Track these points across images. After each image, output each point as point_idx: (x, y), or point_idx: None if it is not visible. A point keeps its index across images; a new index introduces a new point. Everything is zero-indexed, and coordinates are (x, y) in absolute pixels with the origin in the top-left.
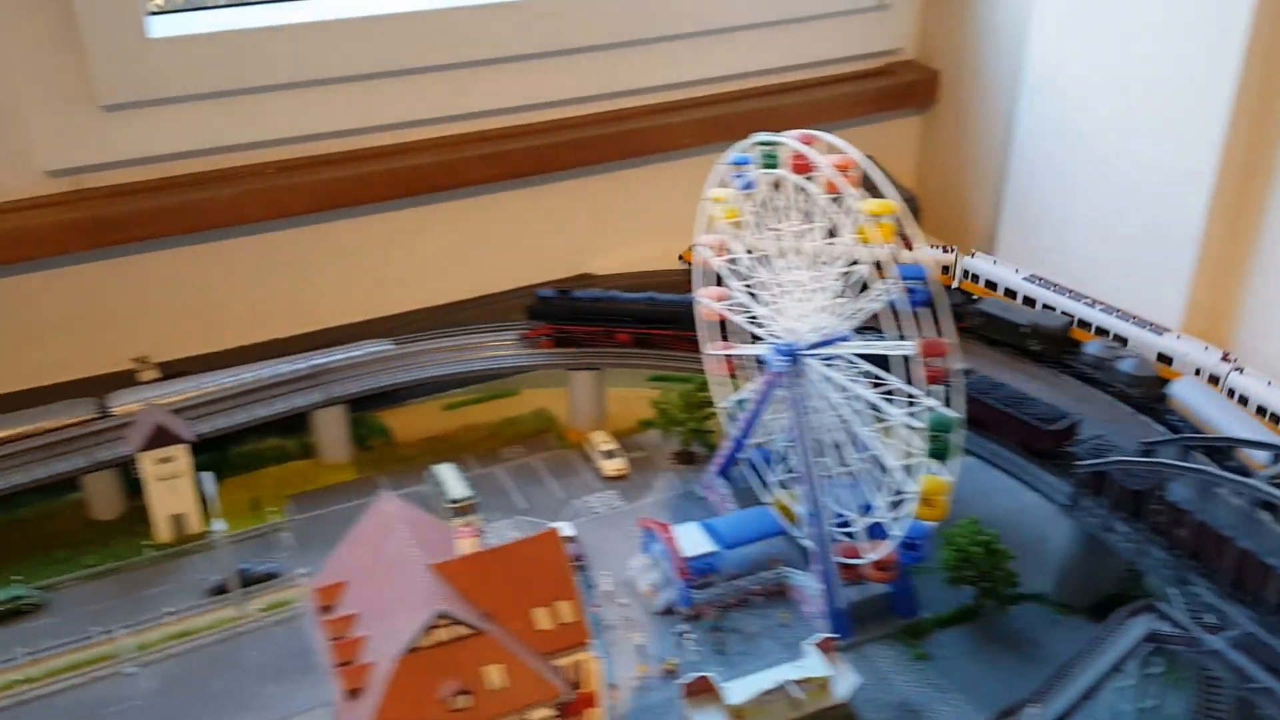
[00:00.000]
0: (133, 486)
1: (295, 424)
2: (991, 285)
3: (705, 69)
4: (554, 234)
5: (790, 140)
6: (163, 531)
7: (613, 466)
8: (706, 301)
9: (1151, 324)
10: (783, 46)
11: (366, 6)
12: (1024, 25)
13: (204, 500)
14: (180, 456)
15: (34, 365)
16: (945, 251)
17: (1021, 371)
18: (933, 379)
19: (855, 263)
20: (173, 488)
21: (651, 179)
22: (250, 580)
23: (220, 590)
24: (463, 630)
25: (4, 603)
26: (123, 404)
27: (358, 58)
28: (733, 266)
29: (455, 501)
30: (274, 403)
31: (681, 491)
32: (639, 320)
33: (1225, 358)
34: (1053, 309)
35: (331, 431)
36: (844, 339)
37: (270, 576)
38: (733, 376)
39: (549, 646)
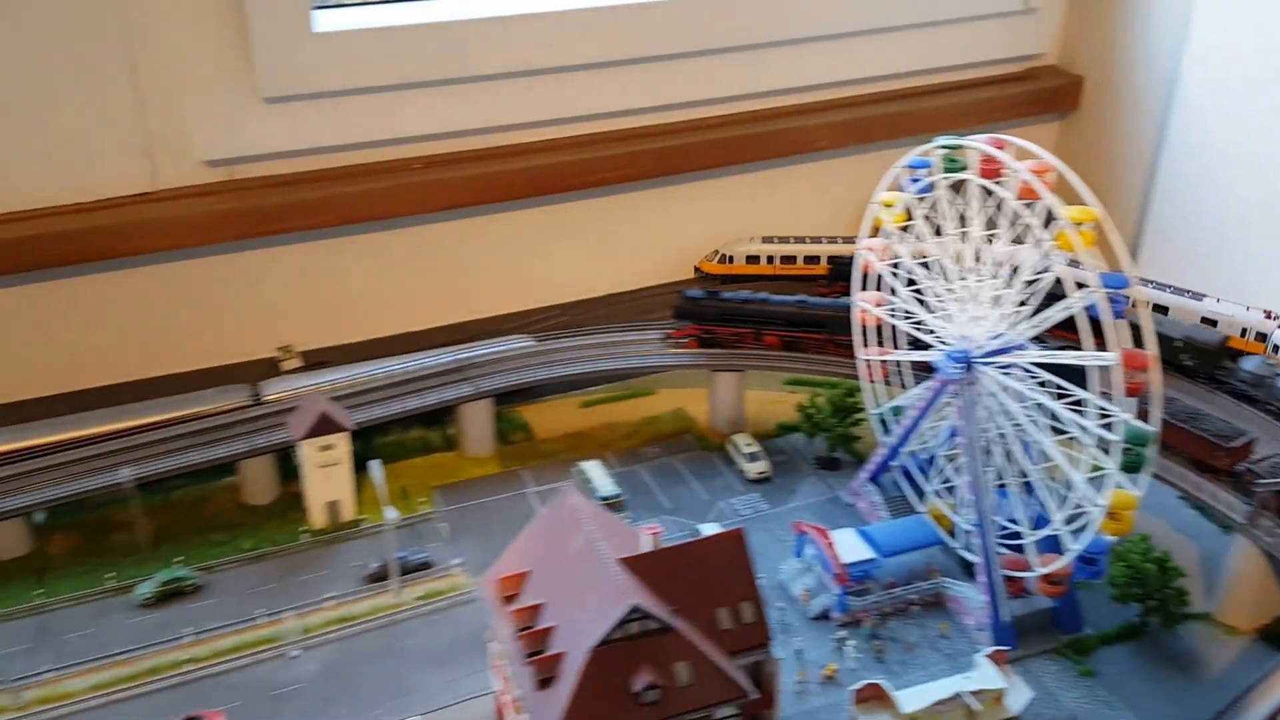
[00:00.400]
0: (286, 472)
1: (439, 416)
2: None
3: (844, 71)
4: (689, 233)
5: (979, 144)
6: (317, 518)
7: (756, 469)
8: (866, 305)
9: (1190, 291)
10: (923, 50)
11: (517, 5)
12: (1182, 34)
13: (374, 488)
14: (340, 445)
15: (183, 351)
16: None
17: (1173, 387)
18: (1132, 392)
19: (1046, 269)
20: (330, 475)
21: (787, 180)
22: (407, 569)
23: (378, 577)
24: (653, 625)
25: (167, 583)
26: (275, 391)
27: (507, 55)
28: (896, 271)
29: (604, 499)
30: (425, 394)
31: (827, 497)
32: (789, 323)
33: (1268, 315)
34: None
35: (477, 424)
36: (1021, 348)
37: (426, 565)
38: (886, 382)
39: (731, 646)
